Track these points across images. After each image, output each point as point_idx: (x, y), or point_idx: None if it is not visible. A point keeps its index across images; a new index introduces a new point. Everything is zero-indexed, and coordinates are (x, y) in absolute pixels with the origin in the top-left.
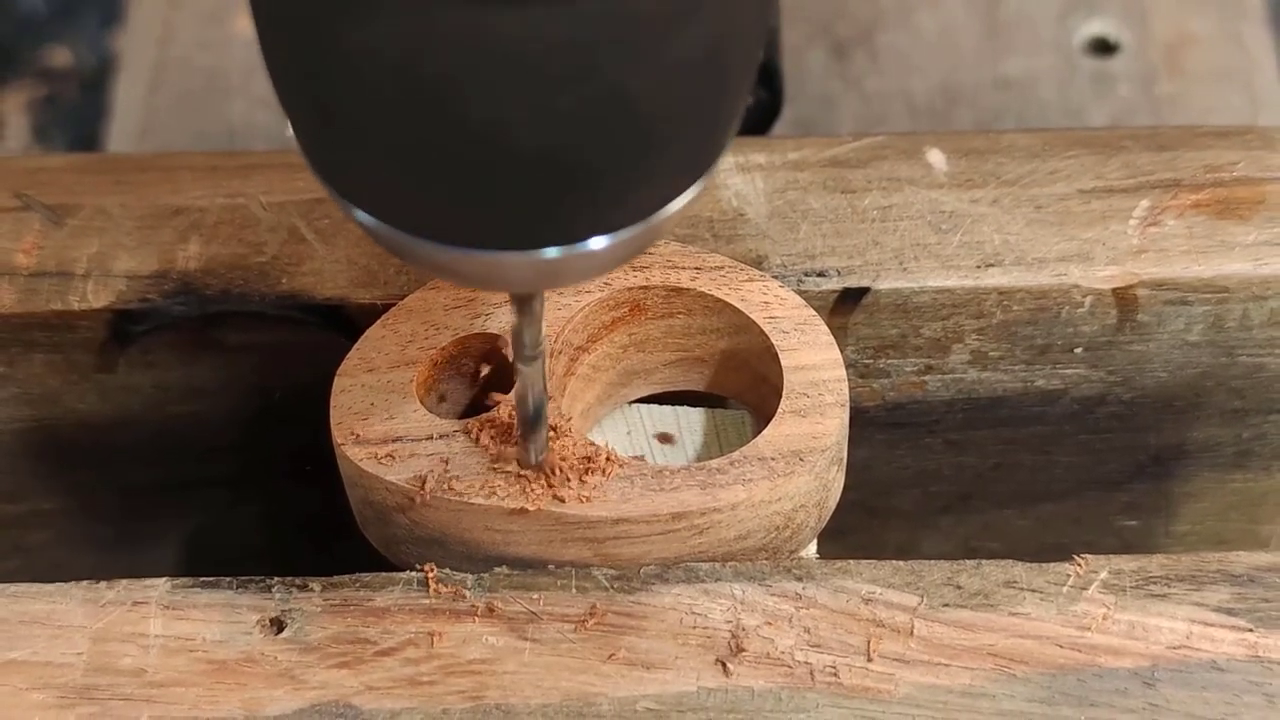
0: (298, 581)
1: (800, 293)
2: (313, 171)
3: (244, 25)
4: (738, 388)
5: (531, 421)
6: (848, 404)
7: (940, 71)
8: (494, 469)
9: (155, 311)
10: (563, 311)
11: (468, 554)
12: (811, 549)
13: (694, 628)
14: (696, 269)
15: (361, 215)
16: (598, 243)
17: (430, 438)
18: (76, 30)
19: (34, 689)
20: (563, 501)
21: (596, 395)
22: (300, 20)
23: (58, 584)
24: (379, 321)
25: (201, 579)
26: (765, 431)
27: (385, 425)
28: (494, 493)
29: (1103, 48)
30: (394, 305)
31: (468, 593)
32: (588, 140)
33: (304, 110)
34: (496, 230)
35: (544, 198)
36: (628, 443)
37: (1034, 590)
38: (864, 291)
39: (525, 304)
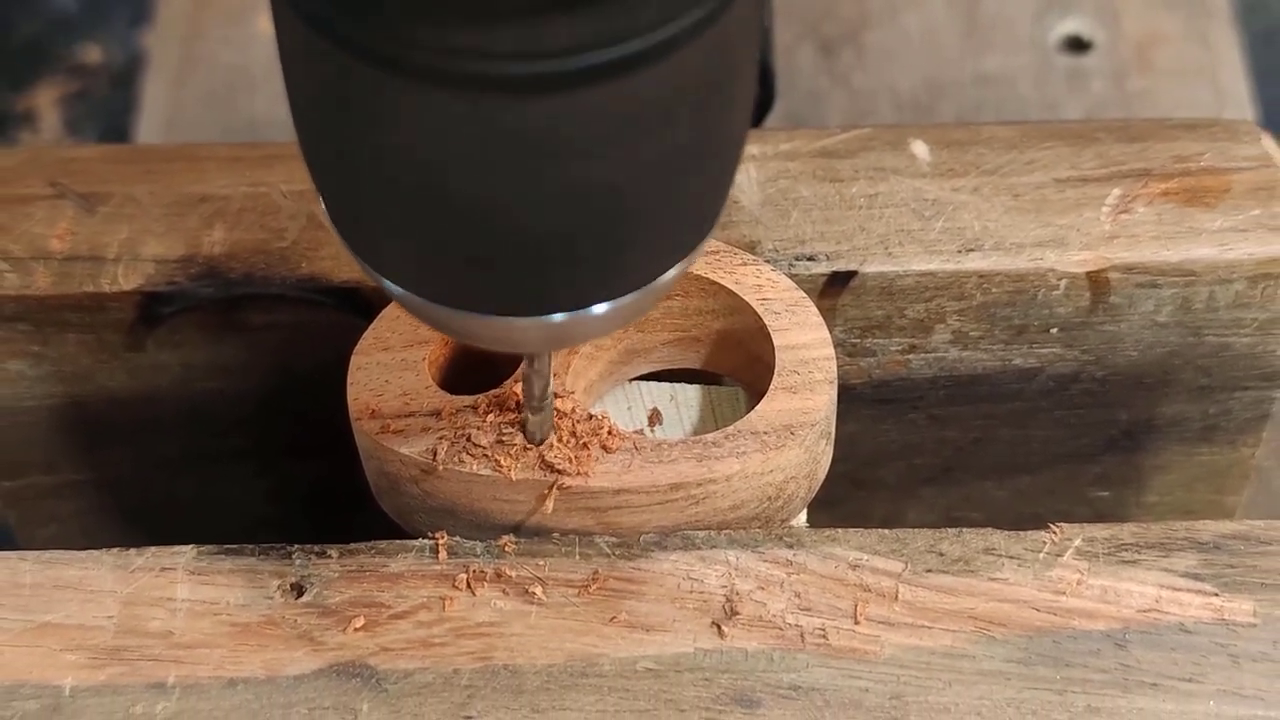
0: (316, 549)
1: (791, 276)
2: (341, 243)
3: (266, 24)
4: (732, 366)
5: (536, 409)
6: (836, 381)
7: (923, 68)
8: (501, 442)
9: (182, 294)
10: None
11: (477, 523)
12: (802, 518)
13: (691, 592)
14: None
15: (387, 283)
16: (600, 308)
17: (441, 413)
18: (107, 28)
19: (67, 650)
20: (567, 473)
21: (599, 373)
22: (325, 118)
23: (89, 551)
24: (393, 303)
25: (225, 546)
26: (758, 407)
27: (399, 401)
28: (501, 465)
29: (1077, 46)
30: None
31: (477, 559)
32: (591, 223)
33: (332, 193)
34: (508, 299)
35: (551, 272)
36: (628, 417)
37: (1012, 557)
38: (851, 275)
39: (534, 360)
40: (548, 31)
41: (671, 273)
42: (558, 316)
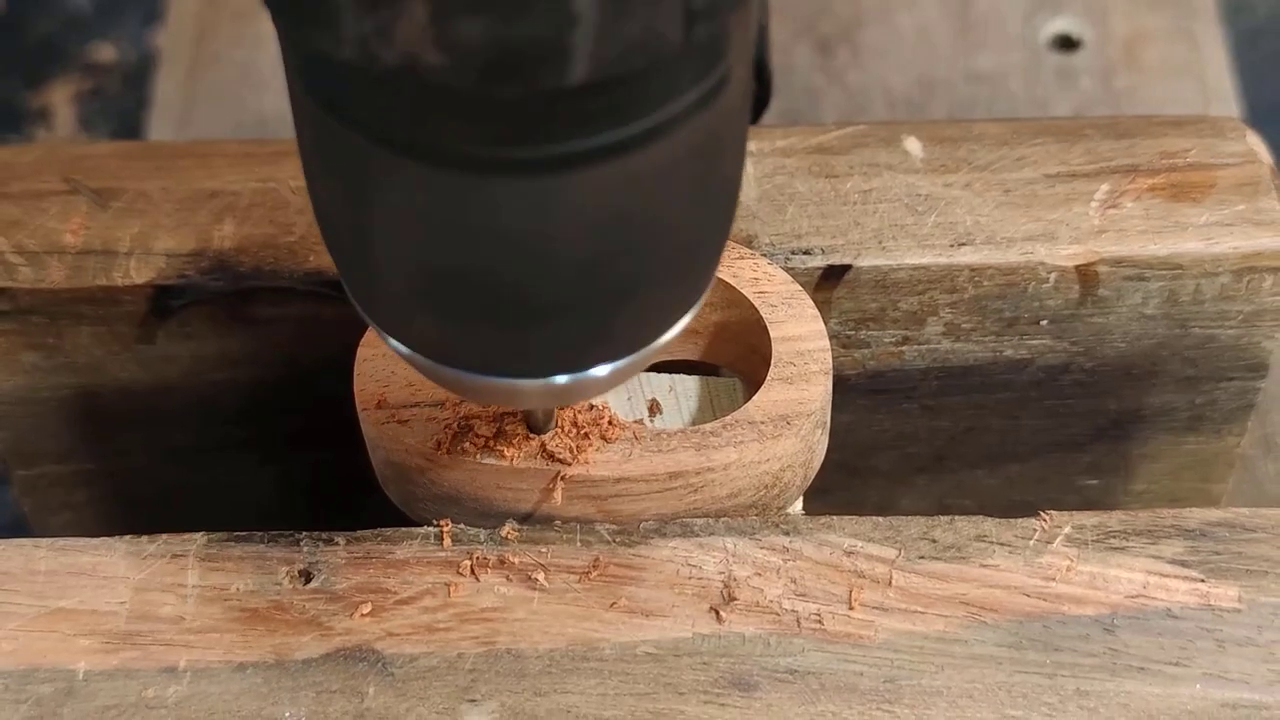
0: (324, 535)
1: (787, 270)
2: (353, 303)
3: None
4: (730, 357)
5: (539, 431)
6: (831, 372)
7: (917, 66)
8: (504, 432)
9: (192, 287)
10: None
11: (481, 510)
12: (798, 506)
13: (689, 578)
14: None
15: (394, 343)
16: (601, 370)
17: (445, 403)
18: (120, 28)
19: (81, 635)
20: (568, 463)
21: None
22: (336, 191)
23: (103, 538)
24: None
25: (235, 533)
26: (755, 397)
27: (404, 392)
28: (504, 454)
29: (1066, 44)
30: None
31: (481, 546)
32: (591, 293)
33: (343, 258)
34: (512, 362)
35: (554, 338)
36: (628, 408)
37: (1003, 544)
38: (846, 268)
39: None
40: (553, 118)
41: (667, 336)
42: (560, 379)
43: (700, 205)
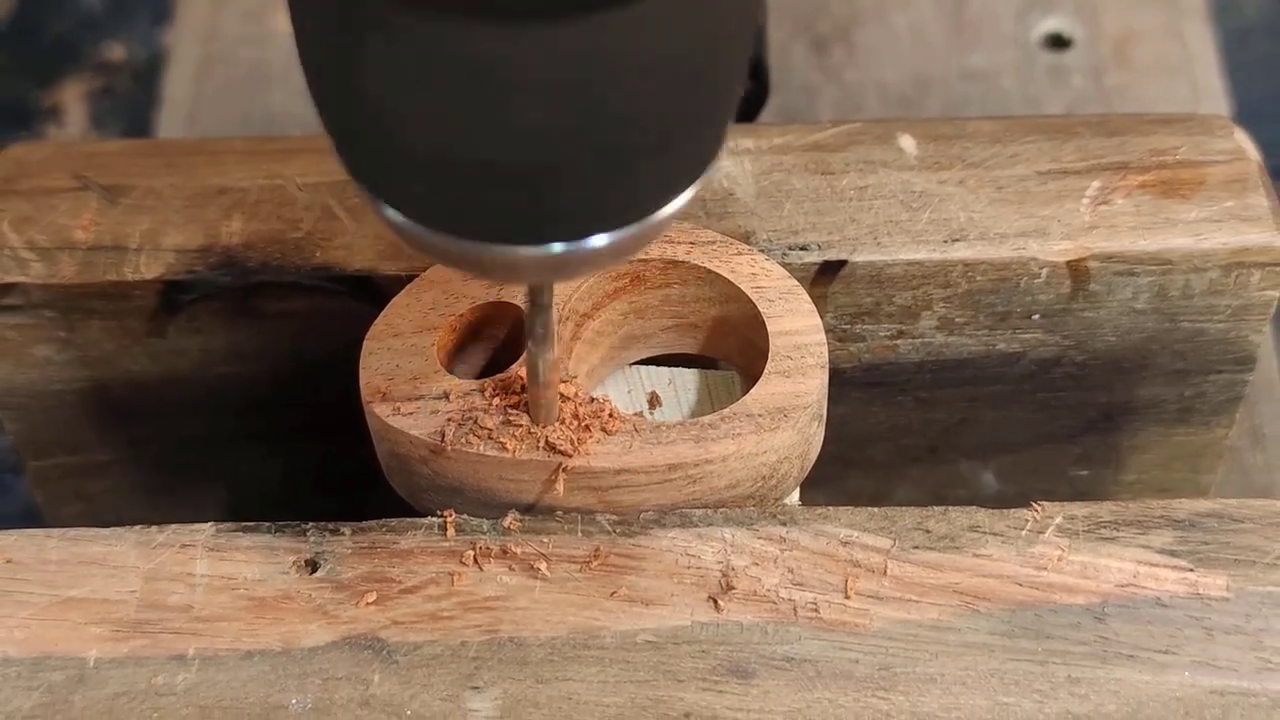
0: (330, 526)
1: (784, 265)
2: (345, 171)
3: (282, 23)
4: (728, 351)
5: (541, 387)
6: (827, 365)
7: (911, 64)
8: (507, 424)
9: (201, 282)
10: (571, 282)
11: (484, 501)
12: (794, 497)
13: (688, 568)
14: (691, 243)
15: (389, 212)
16: (599, 240)
17: (449, 395)
18: (130, 27)
19: (92, 623)
20: (569, 454)
21: (600, 357)
22: (326, 45)
23: (113, 528)
24: (404, 291)
25: (243, 524)
26: (753, 390)
27: (409, 384)
28: (506, 446)
29: (1058, 43)
30: (417, 276)
31: (484, 536)
32: (588, 155)
33: (336, 119)
34: (509, 228)
35: (549, 202)
36: (628, 400)
37: (995, 534)
38: (842, 264)
39: (536, 295)
40: None
41: (669, 209)
42: (556, 247)
43: (702, 66)
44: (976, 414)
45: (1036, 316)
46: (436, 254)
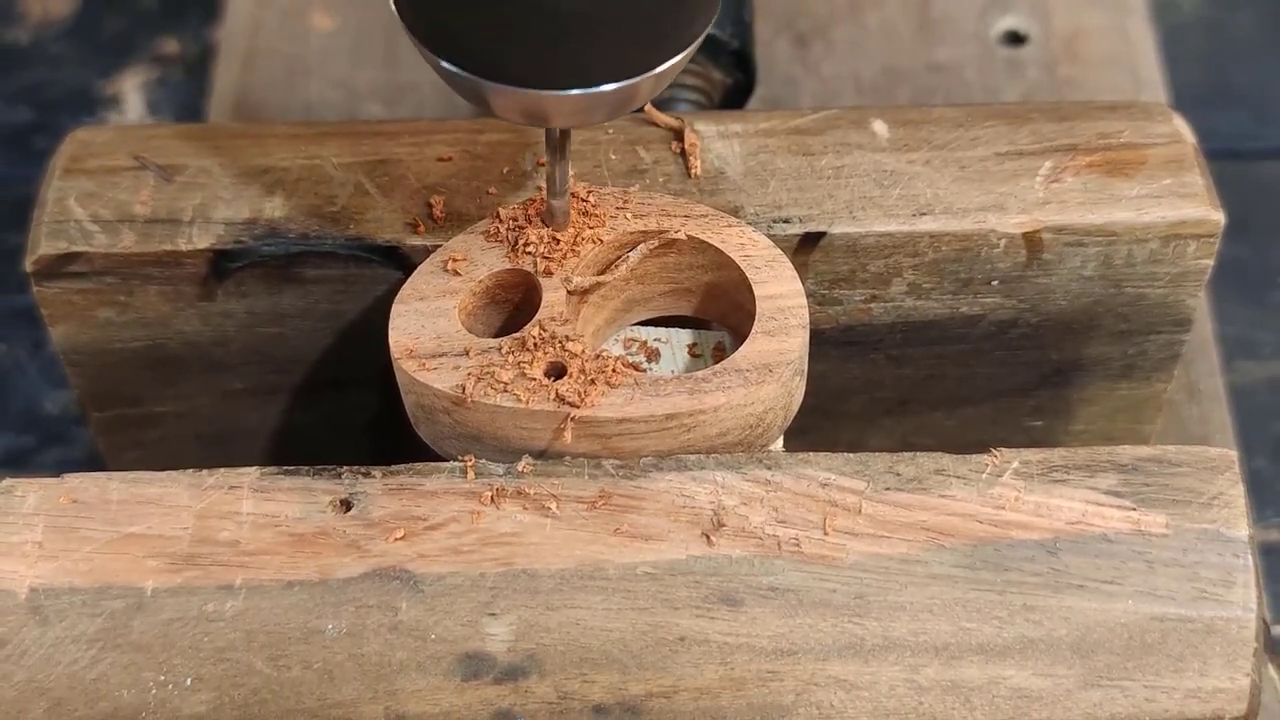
0: (362, 469)
1: (770, 236)
2: (408, 33)
3: (319, 20)
4: (719, 313)
5: (558, 196)
6: (808, 326)
7: (883, 58)
8: (521, 378)
9: (247, 251)
10: (579, 253)
11: (500, 447)
12: (779, 444)
13: (683, 507)
14: (686, 216)
15: (445, 64)
16: (609, 86)
17: (469, 353)
18: (183, 24)
19: (149, 556)
20: (577, 405)
21: (605, 319)
22: None
23: (168, 472)
24: (428, 259)
25: (284, 468)
26: (741, 349)
27: (433, 343)
28: (520, 398)
29: (1014, 39)
30: (440, 247)
31: (500, 479)
32: (602, 11)
33: None
34: (538, 74)
35: (571, 49)
36: (629, 357)
37: (959, 477)
38: (821, 235)
39: (555, 145)
40: None
41: (669, 62)
42: (574, 91)
43: None
44: (942, 370)
45: (995, 283)
46: (477, 99)
